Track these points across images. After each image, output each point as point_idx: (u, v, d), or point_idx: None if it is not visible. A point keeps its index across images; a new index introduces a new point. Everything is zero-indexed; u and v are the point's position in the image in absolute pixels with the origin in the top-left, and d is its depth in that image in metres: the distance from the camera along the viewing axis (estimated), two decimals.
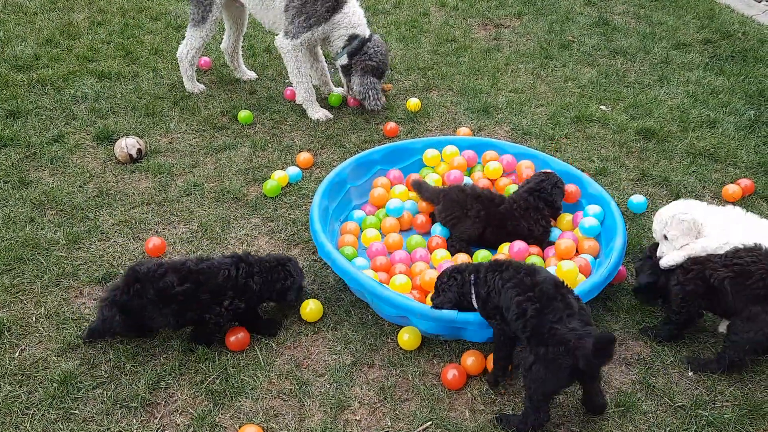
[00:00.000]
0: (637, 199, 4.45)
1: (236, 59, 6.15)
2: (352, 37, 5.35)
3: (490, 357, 3.25)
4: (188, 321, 3.33)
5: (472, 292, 3.17)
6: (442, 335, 3.42)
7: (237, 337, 3.38)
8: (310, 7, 5.17)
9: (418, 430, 3.00)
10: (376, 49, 5.39)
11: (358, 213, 4.31)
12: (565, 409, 3.12)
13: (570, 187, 4.29)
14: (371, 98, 5.48)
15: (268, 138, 5.31)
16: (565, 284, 3.00)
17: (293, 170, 4.76)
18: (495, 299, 3.06)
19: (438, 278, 3.31)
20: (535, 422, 2.90)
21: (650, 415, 3.08)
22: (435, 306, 3.24)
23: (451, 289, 3.21)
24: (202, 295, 3.27)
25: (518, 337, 3.00)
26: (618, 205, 4.11)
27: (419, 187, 4.26)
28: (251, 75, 6.28)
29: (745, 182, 4.66)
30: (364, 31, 5.40)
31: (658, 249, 3.54)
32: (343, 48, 5.40)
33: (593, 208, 4.10)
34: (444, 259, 3.84)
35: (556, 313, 2.82)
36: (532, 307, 2.87)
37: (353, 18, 5.31)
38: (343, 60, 5.48)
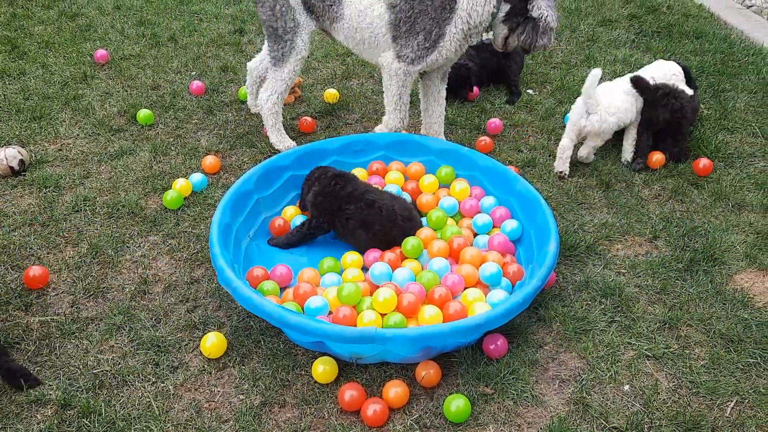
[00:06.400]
0: None
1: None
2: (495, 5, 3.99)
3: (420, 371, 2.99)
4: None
5: None
6: (361, 358, 3.08)
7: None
8: (422, 21, 3.99)
9: None
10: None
11: None
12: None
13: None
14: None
15: (171, 140, 4.83)
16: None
17: (197, 177, 4.31)
18: None
19: None
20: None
21: None
22: None
23: None
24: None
25: None
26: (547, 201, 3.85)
27: None
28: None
29: None
30: None
31: None
32: (492, 18, 4.04)
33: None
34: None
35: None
36: None
37: None
38: (502, 31, 4.12)
